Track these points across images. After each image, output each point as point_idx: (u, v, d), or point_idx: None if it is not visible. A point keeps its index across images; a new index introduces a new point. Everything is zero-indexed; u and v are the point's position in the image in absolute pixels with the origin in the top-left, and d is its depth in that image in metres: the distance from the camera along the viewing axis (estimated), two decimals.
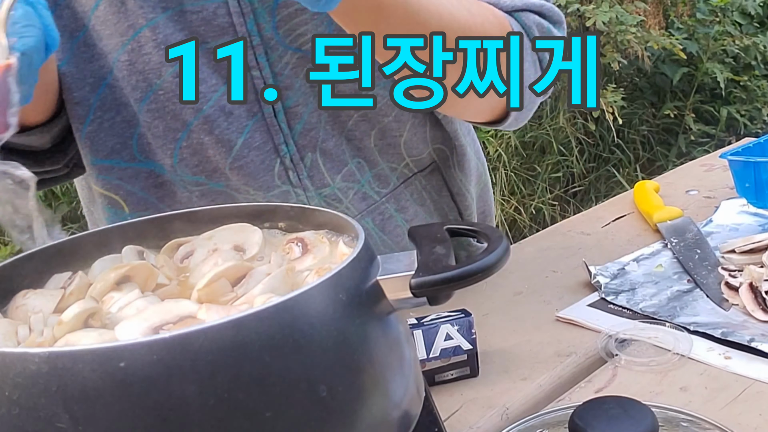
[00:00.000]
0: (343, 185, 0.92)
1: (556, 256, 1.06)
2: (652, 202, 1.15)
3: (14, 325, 0.52)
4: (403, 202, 0.97)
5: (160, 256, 0.62)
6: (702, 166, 1.38)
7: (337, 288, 0.49)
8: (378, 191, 0.95)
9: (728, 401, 0.71)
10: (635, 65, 3.42)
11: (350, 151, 0.92)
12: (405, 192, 0.98)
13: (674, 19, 3.66)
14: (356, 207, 0.93)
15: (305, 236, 0.61)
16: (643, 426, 0.54)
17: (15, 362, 0.43)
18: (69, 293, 0.55)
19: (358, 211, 0.93)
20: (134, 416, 0.42)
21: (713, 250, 0.98)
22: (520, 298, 0.95)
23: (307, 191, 0.90)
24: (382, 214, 0.95)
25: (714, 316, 0.85)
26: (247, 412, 0.44)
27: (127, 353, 0.42)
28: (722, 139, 3.51)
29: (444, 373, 0.77)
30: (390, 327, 0.53)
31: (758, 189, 1.11)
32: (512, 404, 0.74)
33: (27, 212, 0.57)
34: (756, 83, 3.65)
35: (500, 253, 0.51)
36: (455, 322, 0.76)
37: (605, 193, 3.34)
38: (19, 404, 0.42)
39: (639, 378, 0.76)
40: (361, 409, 0.49)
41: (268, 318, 0.45)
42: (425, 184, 1.00)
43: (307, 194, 0.90)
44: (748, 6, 3.68)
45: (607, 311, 0.89)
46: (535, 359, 0.81)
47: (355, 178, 0.93)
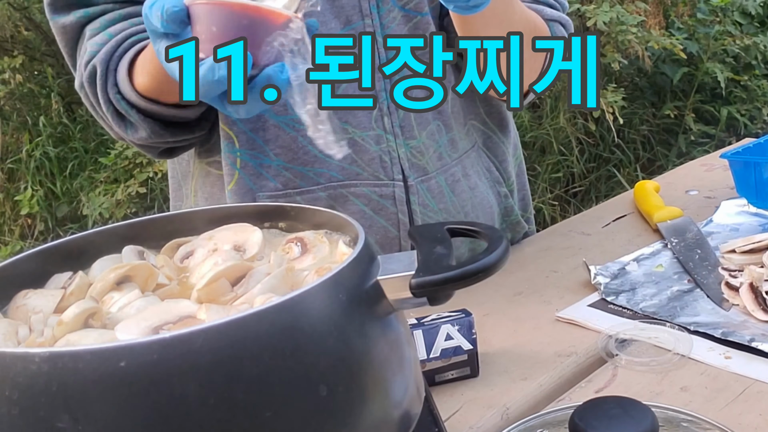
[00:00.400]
0: (427, 141, 1.00)
1: (556, 256, 1.06)
2: (652, 202, 1.14)
3: (14, 325, 0.52)
4: (467, 169, 1.06)
5: (160, 256, 0.62)
6: (702, 166, 1.38)
7: (337, 288, 0.49)
8: (450, 154, 1.03)
9: (728, 401, 0.71)
10: (635, 65, 3.42)
11: (434, 113, 1.01)
12: (467, 161, 1.05)
13: (674, 19, 3.66)
14: (434, 164, 1.01)
15: (305, 236, 0.61)
16: (643, 426, 0.54)
17: (15, 362, 0.43)
18: (69, 293, 0.55)
19: (435, 168, 1.01)
20: (134, 416, 0.42)
21: (713, 250, 0.98)
22: (520, 298, 0.95)
23: (397, 138, 0.98)
24: (453, 175, 1.03)
25: (714, 316, 0.85)
26: (247, 412, 0.44)
27: (127, 353, 0.42)
28: (722, 139, 3.50)
29: (444, 373, 0.77)
30: (390, 327, 0.53)
31: (758, 189, 1.11)
32: (512, 404, 0.74)
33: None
34: (756, 83, 3.65)
35: (500, 253, 0.51)
36: (456, 322, 0.76)
37: (605, 193, 3.33)
38: (19, 404, 0.42)
39: (639, 378, 0.76)
40: (362, 409, 0.49)
41: (268, 318, 0.45)
42: (482, 157, 1.09)
43: (396, 141, 0.98)
44: (749, 6, 3.67)
45: (608, 311, 0.89)
46: (536, 359, 0.81)
47: (435, 138, 1.01)
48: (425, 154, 1.00)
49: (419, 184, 0.99)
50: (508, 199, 1.11)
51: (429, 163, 1.00)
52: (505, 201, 1.11)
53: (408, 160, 0.98)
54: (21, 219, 3.43)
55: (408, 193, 0.98)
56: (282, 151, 0.95)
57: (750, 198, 1.12)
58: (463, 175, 1.04)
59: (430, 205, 1.00)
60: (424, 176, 1.00)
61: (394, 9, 0.96)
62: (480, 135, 1.09)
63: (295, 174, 0.96)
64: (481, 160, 1.09)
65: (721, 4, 3.60)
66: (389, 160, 0.97)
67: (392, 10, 0.96)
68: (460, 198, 1.04)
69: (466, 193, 1.05)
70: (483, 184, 1.08)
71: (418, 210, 0.99)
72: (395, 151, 0.97)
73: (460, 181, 1.04)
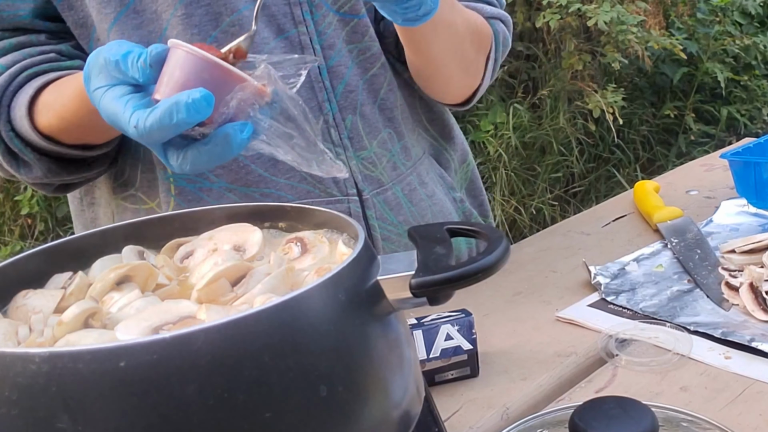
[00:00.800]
0: (379, 151, 0.96)
1: (556, 256, 1.06)
2: (652, 202, 1.14)
3: (14, 325, 0.52)
4: (423, 176, 1.02)
5: (160, 256, 0.62)
6: (702, 166, 1.38)
7: (337, 288, 0.49)
8: (404, 162, 0.99)
9: (728, 401, 0.71)
10: (635, 65, 3.42)
11: (383, 120, 0.96)
12: (421, 167, 1.02)
13: (674, 19, 3.66)
14: (388, 174, 0.97)
15: (305, 236, 0.61)
16: (643, 426, 0.54)
17: (15, 362, 0.43)
18: (69, 293, 0.55)
19: (390, 179, 0.97)
20: (134, 416, 0.42)
21: (713, 250, 0.98)
22: (520, 299, 0.95)
23: (347, 151, 0.93)
24: (410, 185, 0.99)
25: (714, 316, 0.85)
26: (247, 413, 0.44)
27: (127, 353, 0.42)
28: (722, 139, 3.50)
29: (444, 373, 0.77)
30: (390, 327, 0.52)
31: (758, 189, 1.11)
32: (512, 404, 0.74)
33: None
34: (756, 83, 3.65)
35: (500, 254, 0.51)
36: (455, 322, 0.76)
37: (605, 193, 3.33)
38: (19, 404, 0.42)
39: (639, 378, 0.76)
40: (361, 409, 0.49)
41: (267, 318, 0.45)
42: (433, 164, 1.06)
43: (347, 154, 0.93)
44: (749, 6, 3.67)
45: (607, 311, 0.89)
46: (535, 359, 0.81)
47: (387, 147, 0.97)
48: (378, 164, 0.95)
49: (375, 197, 0.94)
50: (464, 203, 1.08)
51: (383, 173, 0.95)
52: (462, 206, 1.07)
53: (360, 172, 0.93)
54: (21, 219, 3.43)
55: (364, 207, 0.94)
56: (223, 172, 0.89)
57: (750, 198, 1.12)
58: (419, 183, 1.00)
59: (388, 218, 0.96)
60: (379, 188, 0.95)
61: (328, 14, 0.91)
62: (425, 142, 1.06)
63: (240, 196, 0.89)
64: (433, 166, 1.05)
65: (721, 4, 3.60)
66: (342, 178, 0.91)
67: (327, 15, 0.91)
68: (419, 207, 0.99)
69: (424, 201, 1.00)
70: (440, 191, 1.04)
71: (376, 225, 0.94)
72: (346, 165, 0.92)
73: (417, 190, 1.00)
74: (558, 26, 3.12)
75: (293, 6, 0.89)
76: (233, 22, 0.86)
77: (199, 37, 0.85)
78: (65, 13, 0.87)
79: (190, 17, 0.85)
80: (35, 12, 0.87)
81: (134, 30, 0.86)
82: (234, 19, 0.86)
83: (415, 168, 1.00)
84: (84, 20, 0.87)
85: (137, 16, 0.85)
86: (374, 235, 0.94)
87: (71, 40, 0.89)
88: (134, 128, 0.61)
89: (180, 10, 0.85)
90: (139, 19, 0.86)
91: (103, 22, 0.85)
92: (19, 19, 0.87)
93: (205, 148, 0.62)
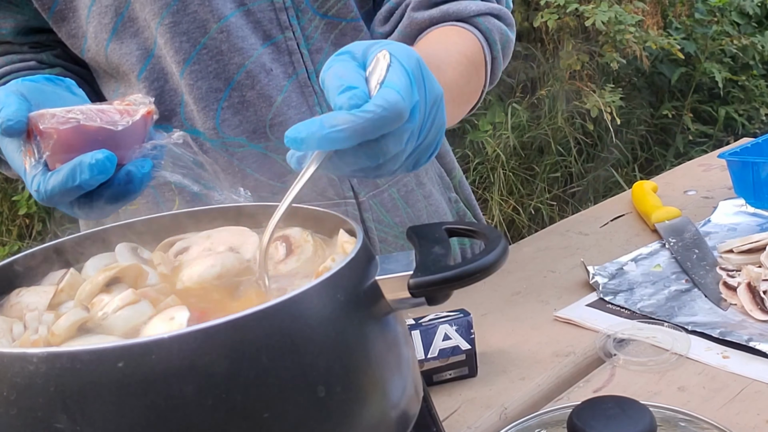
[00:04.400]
0: None
1: (554, 256, 1.06)
2: (650, 202, 1.15)
3: (9, 322, 0.52)
4: (421, 177, 1.01)
5: (156, 253, 0.62)
6: (700, 166, 1.39)
7: (335, 288, 0.49)
8: None
9: (726, 401, 0.71)
10: (633, 65, 3.42)
11: None
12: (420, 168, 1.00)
13: (672, 19, 3.66)
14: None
15: (291, 234, 0.61)
16: (641, 425, 0.54)
17: (13, 362, 0.42)
18: (60, 290, 0.55)
19: (386, 181, 0.96)
20: (132, 416, 0.42)
21: (711, 250, 0.98)
22: (518, 298, 0.95)
23: None
24: (406, 186, 0.99)
25: (712, 315, 0.85)
26: (246, 413, 0.44)
27: (125, 353, 0.42)
28: (720, 139, 3.51)
29: (442, 373, 0.77)
30: (388, 327, 0.52)
31: (756, 189, 1.11)
32: (511, 404, 0.74)
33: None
34: (754, 83, 3.65)
35: (499, 253, 0.51)
36: (454, 322, 0.76)
37: (603, 193, 3.33)
38: (17, 404, 0.42)
39: (637, 378, 0.76)
40: (360, 409, 0.49)
41: (266, 318, 0.45)
42: (433, 163, 1.05)
43: None
44: (746, 6, 3.68)
45: (606, 311, 0.89)
46: (534, 359, 0.81)
47: None
48: None
49: (371, 199, 0.94)
50: (458, 203, 1.08)
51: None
52: (456, 206, 1.07)
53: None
54: (19, 219, 3.43)
55: (360, 210, 0.93)
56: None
57: (748, 198, 1.12)
58: (416, 184, 1.00)
59: (385, 220, 0.96)
60: (375, 190, 0.95)
61: (315, 18, 0.90)
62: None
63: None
64: (433, 165, 1.04)
65: (718, 4, 3.61)
66: (337, 177, 0.91)
67: (313, 19, 0.89)
68: (415, 209, 0.99)
69: (420, 202, 1.00)
70: (437, 192, 1.03)
71: (373, 227, 0.94)
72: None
73: (414, 191, 0.99)
74: (556, 26, 3.13)
75: (279, 11, 0.88)
76: (221, 29, 0.85)
77: (188, 44, 0.85)
78: (57, 24, 0.88)
79: (178, 25, 0.85)
80: (17, 30, 0.90)
81: (131, 38, 0.87)
82: (222, 26, 0.85)
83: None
84: (76, 31, 0.88)
85: (132, 23, 0.86)
86: (371, 237, 0.94)
87: (54, 49, 0.92)
88: (35, 192, 0.59)
89: (167, 18, 0.85)
90: (134, 27, 0.86)
91: (102, 32, 0.86)
92: (0, 38, 0.91)
93: (108, 192, 0.60)
